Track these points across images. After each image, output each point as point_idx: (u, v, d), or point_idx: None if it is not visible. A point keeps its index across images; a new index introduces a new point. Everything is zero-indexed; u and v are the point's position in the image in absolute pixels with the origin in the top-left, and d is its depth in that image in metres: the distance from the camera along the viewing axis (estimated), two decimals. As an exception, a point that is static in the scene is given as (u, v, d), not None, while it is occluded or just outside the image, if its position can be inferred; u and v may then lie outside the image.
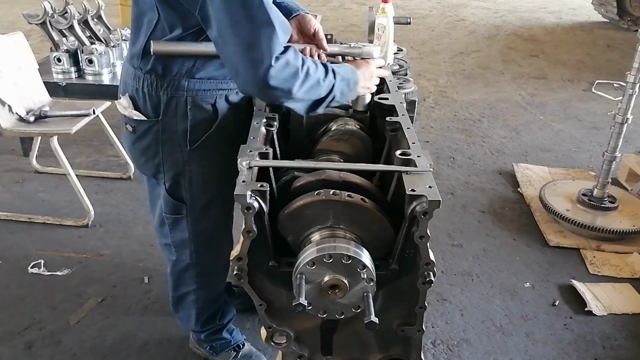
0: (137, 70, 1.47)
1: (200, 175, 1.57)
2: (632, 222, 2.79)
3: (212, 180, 1.59)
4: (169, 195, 1.62)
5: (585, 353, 2.15)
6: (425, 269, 1.15)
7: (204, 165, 1.56)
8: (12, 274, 2.46)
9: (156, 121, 1.49)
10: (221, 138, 1.52)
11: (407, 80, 2.05)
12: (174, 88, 1.44)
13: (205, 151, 1.53)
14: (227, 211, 1.71)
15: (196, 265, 1.76)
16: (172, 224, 1.69)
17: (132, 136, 1.57)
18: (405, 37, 6.72)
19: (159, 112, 1.48)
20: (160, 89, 1.45)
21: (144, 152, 1.57)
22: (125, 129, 1.57)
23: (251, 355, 2.01)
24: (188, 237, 1.69)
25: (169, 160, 1.55)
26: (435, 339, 2.19)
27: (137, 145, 1.58)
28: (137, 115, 1.50)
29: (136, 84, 1.48)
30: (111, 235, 2.76)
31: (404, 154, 1.23)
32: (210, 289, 1.85)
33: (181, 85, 1.44)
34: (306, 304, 1.08)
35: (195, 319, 1.92)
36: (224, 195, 1.60)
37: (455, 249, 2.75)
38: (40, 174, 3.33)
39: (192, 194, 1.61)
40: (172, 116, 1.48)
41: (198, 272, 1.78)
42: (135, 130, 1.54)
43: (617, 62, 5.97)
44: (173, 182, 1.59)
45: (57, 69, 3.27)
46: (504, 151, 3.85)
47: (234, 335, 2.02)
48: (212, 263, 1.79)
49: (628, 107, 2.69)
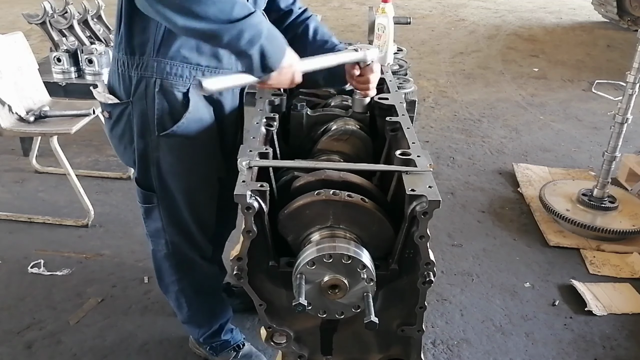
0: (114, 51, 1.48)
1: (168, 164, 1.54)
2: (632, 222, 2.79)
3: (181, 171, 1.56)
4: (137, 184, 1.62)
5: (585, 353, 2.15)
6: (425, 269, 1.16)
7: (172, 154, 1.52)
8: (12, 274, 2.46)
9: (127, 103, 1.48)
10: (194, 131, 1.49)
11: (407, 80, 2.05)
12: (143, 68, 1.43)
13: (175, 140, 1.49)
14: (202, 203, 1.66)
15: (173, 255, 1.74)
16: (145, 213, 1.68)
17: (108, 123, 1.57)
18: (405, 37, 6.72)
19: (130, 94, 1.47)
20: (131, 69, 1.44)
21: (120, 138, 1.56)
22: (104, 117, 1.58)
23: (251, 355, 2.00)
24: (162, 227, 1.67)
25: (139, 145, 1.52)
26: (435, 339, 2.19)
27: (114, 132, 1.57)
28: (111, 98, 1.49)
29: (114, 66, 1.49)
30: (111, 235, 2.76)
31: (404, 154, 1.23)
32: (192, 279, 1.81)
33: (150, 65, 1.43)
34: (306, 304, 1.08)
35: (188, 311, 1.88)
36: (196, 187, 1.60)
37: (455, 249, 2.75)
38: (40, 174, 3.33)
39: (161, 183, 1.58)
40: (142, 98, 1.45)
41: (177, 262, 1.76)
42: (111, 116, 1.54)
43: (617, 62, 5.96)
44: (142, 168, 1.57)
45: (57, 69, 3.27)
46: (504, 151, 3.85)
47: (233, 335, 2.01)
48: (191, 253, 1.74)
49: (628, 107, 2.69)
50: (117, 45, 1.47)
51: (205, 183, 1.61)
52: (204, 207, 1.68)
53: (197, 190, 1.62)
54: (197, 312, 1.90)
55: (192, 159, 1.54)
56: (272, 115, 1.46)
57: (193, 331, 1.98)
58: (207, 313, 1.93)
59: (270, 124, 1.43)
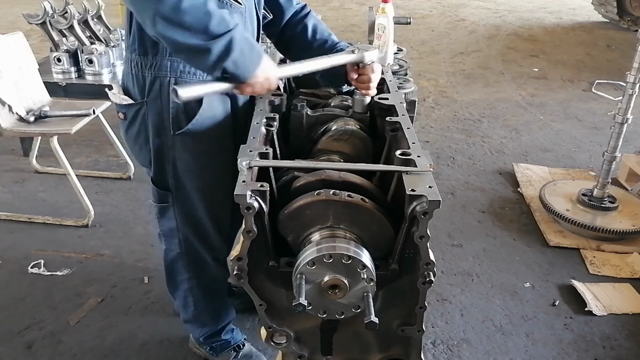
0: (127, 52, 1.49)
1: (184, 162, 1.56)
2: (632, 222, 2.79)
3: (196, 169, 1.57)
4: (153, 183, 1.63)
5: (585, 353, 2.15)
6: (425, 269, 1.16)
7: (188, 152, 1.54)
8: (12, 274, 2.46)
9: (142, 103, 1.49)
10: (208, 127, 1.50)
11: (407, 80, 2.05)
12: (157, 68, 1.45)
13: (191, 138, 1.51)
14: (218, 201, 1.67)
15: (186, 254, 1.75)
16: (159, 213, 1.69)
17: (124, 124, 1.58)
18: (405, 37, 6.72)
19: (144, 94, 1.48)
20: (145, 69, 1.46)
21: (136, 139, 1.57)
22: (119, 118, 1.58)
23: (251, 356, 2.01)
24: (176, 226, 1.69)
25: (155, 144, 1.54)
26: (435, 339, 2.19)
27: (130, 133, 1.58)
28: (126, 99, 1.51)
29: (127, 67, 1.50)
30: (111, 235, 2.76)
31: (404, 154, 1.23)
32: (203, 278, 1.83)
33: (164, 65, 1.44)
34: (306, 304, 1.08)
35: (194, 310, 1.89)
36: (211, 184, 1.61)
37: (455, 249, 2.75)
38: (40, 174, 3.33)
39: (177, 182, 1.60)
40: (156, 97, 1.47)
41: (189, 261, 1.77)
42: (126, 117, 1.55)
43: (617, 62, 5.96)
44: (158, 168, 1.59)
45: (57, 69, 3.27)
46: (504, 151, 3.85)
47: (233, 335, 2.01)
48: (203, 253, 1.76)
49: (628, 107, 2.69)
50: (129, 46, 1.48)
51: (221, 180, 1.61)
52: (220, 205, 1.68)
53: (212, 188, 1.62)
54: (203, 311, 1.91)
55: (208, 156, 1.55)
56: (272, 115, 1.46)
57: (195, 331, 1.98)
58: (212, 313, 1.93)
59: (270, 124, 1.43)
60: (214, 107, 1.51)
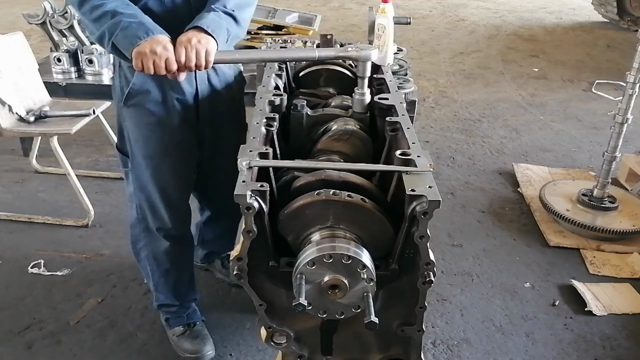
0: None
1: (131, 131, 1.73)
2: (632, 222, 2.79)
3: (140, 139, 1.72)
4: (117, 149, 1.84)
5: (585, 353, 2.15)
6: (425, 269, 1.15)
7: (132, 122, 1.71)
8: (12, 274, 2.46)
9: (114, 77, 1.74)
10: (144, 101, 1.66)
11: (407, 80, 2.05)
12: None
13: (133, 110, 1.68)
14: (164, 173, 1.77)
15: (142, 220, 1.87)
16: (125, 177, 1.88)
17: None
18: (405, 37, 6.72)
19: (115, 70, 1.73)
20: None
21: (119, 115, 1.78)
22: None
23: (197, 336, 2.06)
24: (133, 191, 1.84)
25: (117, 113, 1.77)
26: (435, 339, 2.19)
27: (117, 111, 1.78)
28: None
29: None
30: (111, 235, 2.76)
31: (404, 154, 1.23)
32: (156, 250, 1.93)
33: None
34: (306, 304, 1.08)
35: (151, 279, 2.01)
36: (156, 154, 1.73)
37: (455, 249, 2.76)
38: (40, 174, 3.33)
39: (130, 148, 1.77)
40: (115, 72, 1.71)
41: (143, 229, 1.89)
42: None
43: (617, 62, 5.96)
44: (119, 134, 1.80)
45: (57, 69, 3.27)
46: (504, 151, 3.85)
47: (189, 313, 2.09)
48: (152, 224, 1.87)
49: (628, 107, 2.69)
50: None
51: (166, 152, 1.74)
52: (167, 179, 1.78)
53: (157, 159, 1.74)
54: (159, 284, 2.01)
55: (148, 128, 1.70)
56: (272, 115, 1.46)
57: (156, 298, 2.07)
58: (169, 288, 2.02)
59: (270, 124, 1.43)
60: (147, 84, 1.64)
